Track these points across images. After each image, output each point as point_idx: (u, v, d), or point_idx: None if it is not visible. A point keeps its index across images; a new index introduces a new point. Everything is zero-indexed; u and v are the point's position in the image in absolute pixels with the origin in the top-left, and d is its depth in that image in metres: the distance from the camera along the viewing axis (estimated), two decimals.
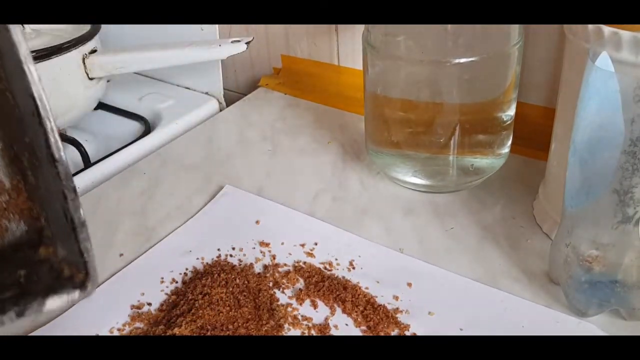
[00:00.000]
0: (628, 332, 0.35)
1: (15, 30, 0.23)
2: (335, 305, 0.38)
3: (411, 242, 0.43)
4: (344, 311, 0.37)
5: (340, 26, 0.62)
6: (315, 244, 0.43)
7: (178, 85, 0.70)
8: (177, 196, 0.50)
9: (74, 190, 0.25)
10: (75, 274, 0.26)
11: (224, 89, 0.67)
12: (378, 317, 0.36)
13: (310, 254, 0.42)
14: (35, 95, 0.24)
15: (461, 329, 0.35)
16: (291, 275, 0.40)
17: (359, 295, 0.38)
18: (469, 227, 0.44)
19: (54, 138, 0.24)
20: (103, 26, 0.60)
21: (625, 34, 0.30)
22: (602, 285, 0.34)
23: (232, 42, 0.57)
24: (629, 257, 0.33)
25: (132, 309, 0.38)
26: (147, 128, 0.61)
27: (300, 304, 0.38)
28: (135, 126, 0.63)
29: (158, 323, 0.37)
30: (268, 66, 0.70)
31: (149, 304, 0.39)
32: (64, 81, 0.55)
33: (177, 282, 0.40)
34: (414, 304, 0.37)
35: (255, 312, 0.37)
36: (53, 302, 0.25)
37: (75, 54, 0.55)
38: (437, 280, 0.39)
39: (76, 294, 0.25)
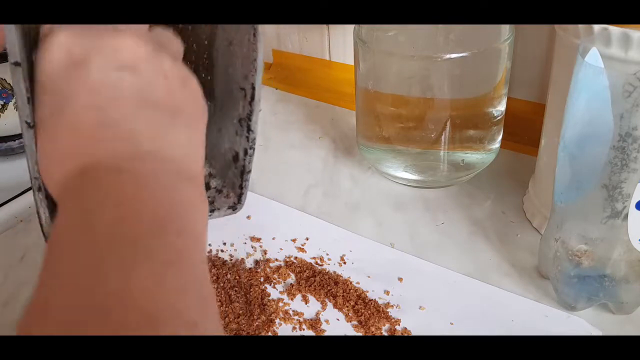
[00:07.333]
0: (616, 326, 0.35)
1: (260, 37, 0.32)
2: (327, 300, 0.38)
3: (402, 237, 0.43)
4: (335, 306, 0.37)
5: None
6: (307, 239, 0.43)
7: None
8: None
9: (253, 149, 0.35)
10: (231, 198, 0.37)
11: None
12: (369, 311, 0.36)
13: (301, 249, 0.42)
14: (256, 85, 0.33)
15: (451, 324, 0.36)
16: (282, 270, 0.40)
17: (350, 290, 0.38)
18: (459, 222, 0.44)
19: (256, 116, 0.34)
20: None
21: (615, 30, 0.30)
22: (591, 280, 0.35)
23: None
24: (618, 251, 0.33)
25: None
26: None
27: (292, 299, 0.38)
28: None
29: None
30: None
31: None
32: None
33: None
34: (405, 298, 0.38)
35: (246, 307, 0.37)
36: (217, 214, 0.37)
37: None
38: (428, 275, 0.39)
39: (229, 211, 0.37)
